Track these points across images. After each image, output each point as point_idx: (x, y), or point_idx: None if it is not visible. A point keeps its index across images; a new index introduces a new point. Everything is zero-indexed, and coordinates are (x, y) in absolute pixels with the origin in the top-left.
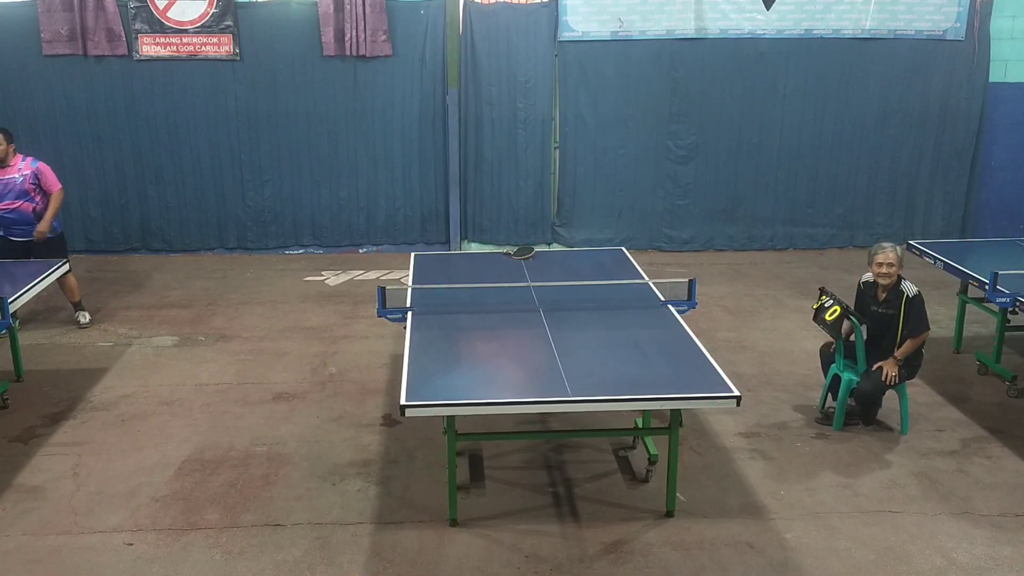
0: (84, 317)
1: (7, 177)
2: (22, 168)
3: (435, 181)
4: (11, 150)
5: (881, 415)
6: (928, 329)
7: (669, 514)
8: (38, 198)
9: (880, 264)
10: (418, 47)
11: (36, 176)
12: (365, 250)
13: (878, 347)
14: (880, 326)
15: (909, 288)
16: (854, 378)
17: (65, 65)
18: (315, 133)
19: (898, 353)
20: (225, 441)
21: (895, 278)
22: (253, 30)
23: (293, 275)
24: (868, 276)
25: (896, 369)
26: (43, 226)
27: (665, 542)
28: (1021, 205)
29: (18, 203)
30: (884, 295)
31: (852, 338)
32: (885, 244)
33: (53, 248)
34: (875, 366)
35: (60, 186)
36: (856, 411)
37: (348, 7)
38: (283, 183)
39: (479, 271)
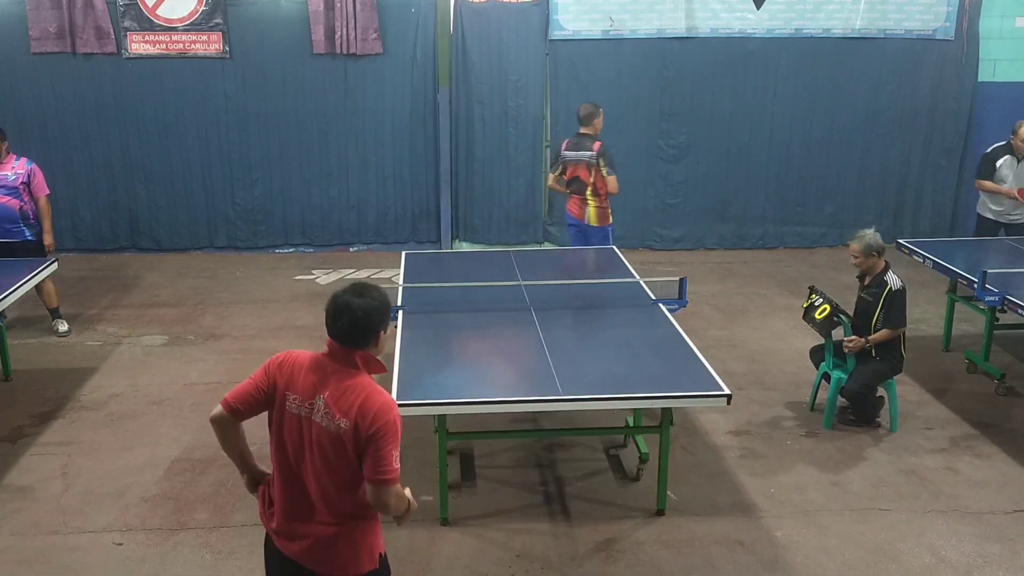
0: (63, 325)
1: None
2: (16, 167)
3: (426, 180)
4: (4, 148)
5: None
6: (904, 326)
7: (660, 512)
8: (26, 197)
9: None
10: (409, 45)
11: (29, 176)
12: (356, 249)
13: (858, 333)
14: (859, 310)
15: (894, 281)
16: (843, 376)
17: (54, 63)
18: (305, 131)
19: (871, 337)
20: (215, 441)
21: (863, 268)
22: (243, 28)
23: (283, 274)
24: None
25: (860, 345)
26: (48, 238)
27: (656, 540)
28: None
29: (6, 198)
30: (868, 280)
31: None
32: (861, 232)
33: (33, 252)
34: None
35: (48, 192)
36: (856, 414)
37: (339, 5)
38: (273, 182)
39: (470, 270)
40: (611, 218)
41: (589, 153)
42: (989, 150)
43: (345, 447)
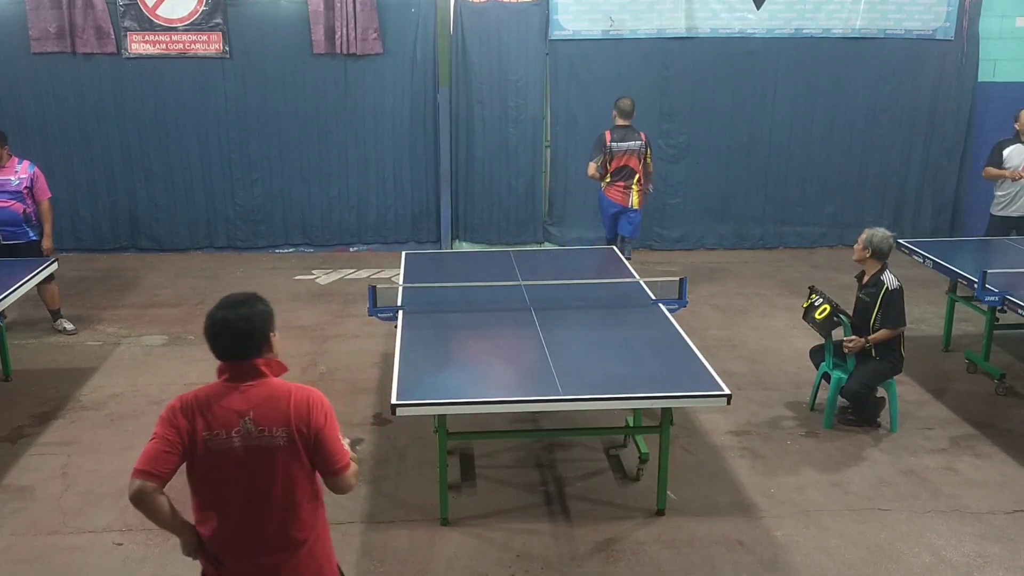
0: (68, 324)
1: (1, 178)
2: (19, 171)
3: (426, 180)
4: (5, 152)
5: None
6: (904, 325)
7: (660, 512)
8: (29, 201)
9: None
10: (409, 45)
11: (32, 180)
12: (356, 249)
13: (858, 334)
14: (857, 310)
15: (890, 280)
16: (843, 376)
17: (54, 63)
18: (305, 131)
19: (871, 337)
20: None
21: (865, 263)
22: (243, 28)
23: (283, 274)
24: None
25: (859, 345)
26: (47, 243)
27: (656, 540)
28: None
29: (11, 203)
30: (866, 279)
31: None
32: (876, 229)
33: (37, 252)
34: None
35: (50, 195)
36: (856, 414)
37: (339, 5)
38: (273, 182)
39: (470, 270)
40: None
41: (640, 143)
42: (998, 142)
43: (295, 453)
